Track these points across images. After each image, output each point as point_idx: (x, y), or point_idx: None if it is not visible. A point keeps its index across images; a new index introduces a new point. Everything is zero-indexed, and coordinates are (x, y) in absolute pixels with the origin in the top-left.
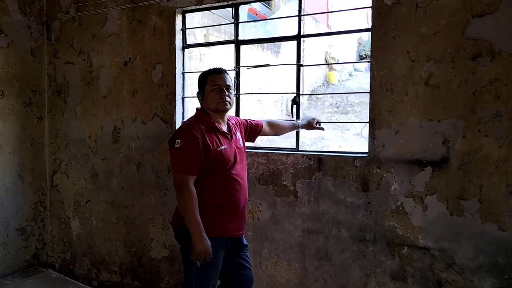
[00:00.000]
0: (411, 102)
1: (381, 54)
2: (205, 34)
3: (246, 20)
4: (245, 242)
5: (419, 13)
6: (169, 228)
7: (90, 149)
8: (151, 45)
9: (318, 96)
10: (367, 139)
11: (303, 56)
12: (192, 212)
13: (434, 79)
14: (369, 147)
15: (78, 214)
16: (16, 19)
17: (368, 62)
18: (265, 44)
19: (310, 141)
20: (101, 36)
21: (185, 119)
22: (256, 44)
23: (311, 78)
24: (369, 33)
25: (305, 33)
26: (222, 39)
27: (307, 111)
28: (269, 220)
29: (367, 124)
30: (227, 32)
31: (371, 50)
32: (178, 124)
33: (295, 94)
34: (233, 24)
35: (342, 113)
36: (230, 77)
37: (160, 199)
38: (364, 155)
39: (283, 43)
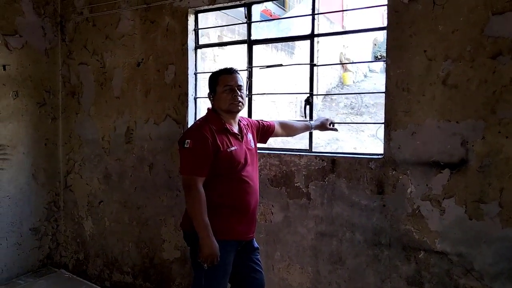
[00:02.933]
0: (428, 102)
1: (397, 53)
2: (219, 35)
3: (259, 20)
4: (256, 245)
5: (436, 10)
6: (180, 229)
7: (103, 150)
8: (163, 46)
9: (332, 97)
10: (382, 141)
11: (317, 56)
12: (200, 213)
13: (452, 78)
14: (384, 148)
15: (91, 214)
16: (31, 20)
17: (384, 61)
18: (279, 45)
19: (325, 142)
20: (114, 37)
21: (195, 119)
22: (270, 45)
23: (326, 79)
24: (385, 32)
25: (319, 33)
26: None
27: (321, 112)
28: (282, 223)
29: (382, 125)
30: (241, 33)
31: (386, 49)
32: (191, 125)
33: (308, 95)
34: (246, 25)
35: (357, 114)
36: (242, 77)
37: (172, 200)
38: (379, 156)
39: (297, 44)
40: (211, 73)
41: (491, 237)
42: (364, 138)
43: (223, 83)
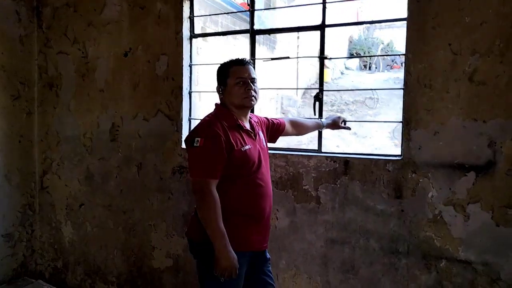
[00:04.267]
0: (453, 100)
1: (419, 46)
2: (202, 27)
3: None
4: (268, 255)
5: (463, 1)
6: (173, 236)
7: (84, 148)
8: (155, 34)
9: (312, 94)
10: (400, 140)
11: (297, 52)
12: (215, 221)
13: (479, 74)
14: (403, 149)
15: (70, 218)
16: (3, 4)
17: (404, 55)
18: (261, 39)
19: (307, 140)
20: (98, 24)
21: (193, 116)
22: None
23: (305, 76)
24: (361, 28)
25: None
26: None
27: (302, 109)
28: (288, 229)
29: (400, 124)
30: (224, 25)
31: (406, 42)
32: (185, 121)
33: (318, 90)
34: (229, 17)
35: (337, 111)
36: (255, 68)
37: (163, 204)
38: (398, 158)
39: (278, 38)
40: (220, 65)
41: None
42: (345, 136)
43: (235, 75)
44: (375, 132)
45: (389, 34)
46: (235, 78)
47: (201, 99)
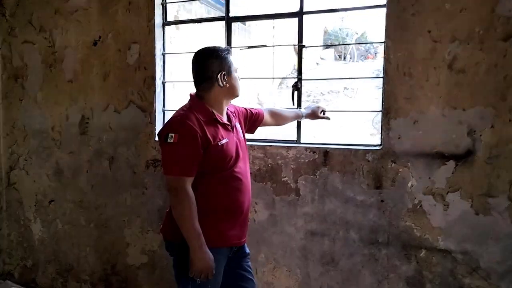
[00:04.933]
0: (433, 88)
1: (398, 33)
2: (175, 15)
3: None
4: (247, 250)
5: None
6: (148, 232)
7: (53, 142)
8: (125, 22)
9: (288, 84)
10: (379, 130)
11: (273, 42)
12: (190, 220)
13: (459, 62)
14: (382, 139)
15: (40, 216)
16: None
17: (382, 43)
18: (236, 29)
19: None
20: (65, 11)
21: (167, 107)
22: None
23: (280, 67)
24: (338, 18)
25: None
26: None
27: (278, 98)
28: (267, 222)
29: (379, 114)
30: (198, 14)
31: (386, 29)
32: (158, 113)
33: (296, 79)
34: (204, 6)
35: (313, 102)
36: None
37: (137, 199)
38: (377, 147)
39: (253, 26)
40: (214, 50)
41: (499, 234)
42: (333, 127)
43: (234, 64)
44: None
45: (362, 22)
46: (235, 68)
47: (176, 89)
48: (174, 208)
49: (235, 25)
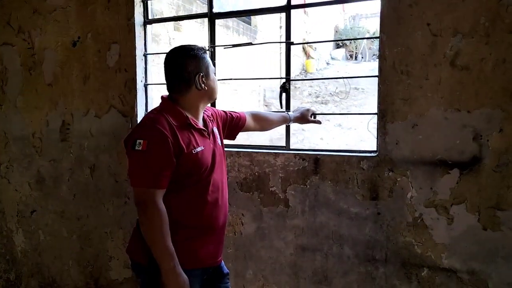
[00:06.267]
0: (433, 87)
1: (394, 27)
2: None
3: None
4: (225, 270)
5: None
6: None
7: (34, 149)
8: (104, 21)
9: (296, 85)
10: (375, 135)
11: (280, 35)
12: (162, 238)
13: (462, 58)
14: (378, 145)
15: (22, 226)
16: None
17: (377, 38)
18: (241, 29)
19: (293, 133)
20: (44, 10)
21: (147, 111)
22: (231, 28)
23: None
24: (345, 17)
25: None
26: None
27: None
28: (254, 235)
29: (375, 117)
30: (191, 11)
31: (380, 23)
32: (140, 118)
33: (284, 80)
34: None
35: (322, 103)
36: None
37: (119, 209)
38: (373, 154)
39: (260, 28)
40: (190, 50)
41: (510, 251)
42: (330, 127)
43: (211, 64)
44: (360, 123)
45: (374, 23)
46: (213, 69)
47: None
48: (142, 224)
49: (239, 26)
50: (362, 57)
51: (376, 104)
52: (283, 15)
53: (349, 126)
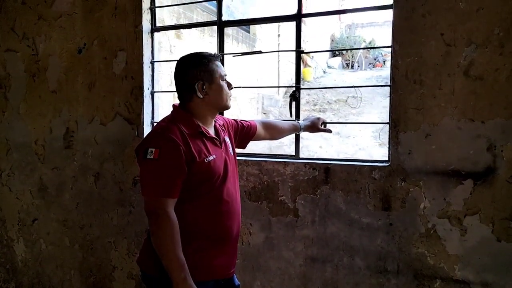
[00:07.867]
0: (446, 97)
1: (407, 36)
2: (175, 23)
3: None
4: (237, 282)
5: None
6: (135, 254)
7: (36, 156)
8: (111, 28)
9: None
10: (387, 144)
11: (278, 43)
12: (173, 249)
13: (476, 68)
14: (390, 154)
15: (23, 235)
16: None
17: (389, 47)
18: (240, 37)
19: (289, 141)
20: (49, 17)
21: (156, 120)
22: (231, 36)
23: (286, 75)
24: (342, 26)
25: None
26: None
27: (284, 109)
28: (263, 245)
29: (387, 126)
30: (192, 18)
31: (392, 32)
32: (146, 125)
33: (294, 88)
34: (205, 13)
35: (320, 111)
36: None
37: (124, 218)
38: (385, 164)
39: (258, 37)
40: (192, 57)
41: None
42: (328, 136)
43: (220, 71)
44: (358, 131)
45: (370, 32)
46: (220, 75)
47: (166, 100)
48: (153, 234)
49: (239, 33)
50: (358, 66)
51: (375, 113)
52: (282, 24)
53: (347, 135)
